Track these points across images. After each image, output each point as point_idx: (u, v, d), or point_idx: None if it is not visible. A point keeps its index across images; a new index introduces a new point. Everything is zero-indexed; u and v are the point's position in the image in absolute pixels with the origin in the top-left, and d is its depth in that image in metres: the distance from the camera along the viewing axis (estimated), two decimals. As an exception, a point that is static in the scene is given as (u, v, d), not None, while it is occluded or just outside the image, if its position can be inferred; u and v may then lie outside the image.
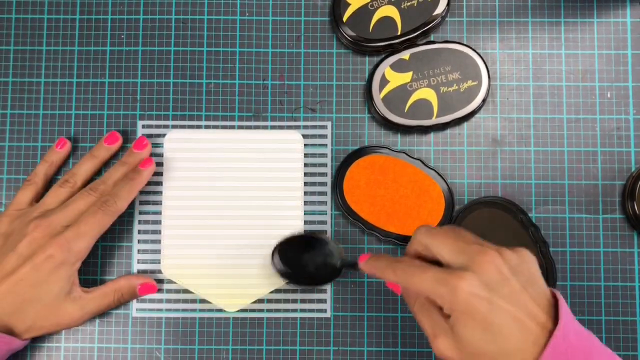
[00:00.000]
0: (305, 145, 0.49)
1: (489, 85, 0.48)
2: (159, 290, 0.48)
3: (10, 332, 0.42)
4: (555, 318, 0.34)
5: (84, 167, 0.47)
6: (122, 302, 0.47)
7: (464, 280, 0.33)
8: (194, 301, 0.48)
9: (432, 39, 0.50)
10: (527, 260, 0.36)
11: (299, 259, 0.45)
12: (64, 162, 0.49)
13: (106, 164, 0.49)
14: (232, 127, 0.50)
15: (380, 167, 0.48)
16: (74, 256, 0.42)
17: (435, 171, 0.48)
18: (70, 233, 0.42)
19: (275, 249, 0.45)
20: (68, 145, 0.49)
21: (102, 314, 0.48)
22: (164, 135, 0.49)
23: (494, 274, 0.34)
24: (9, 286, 0.41)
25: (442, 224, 0.47)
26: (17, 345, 0.42)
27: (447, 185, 0.48)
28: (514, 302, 0.33)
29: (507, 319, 0.33)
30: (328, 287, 0.48)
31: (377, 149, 0.48)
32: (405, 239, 0.47)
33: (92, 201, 0.44)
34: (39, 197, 0.47)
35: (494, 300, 0.33)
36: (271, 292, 0.48)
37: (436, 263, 0.36)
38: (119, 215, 0.45)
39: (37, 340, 0.48)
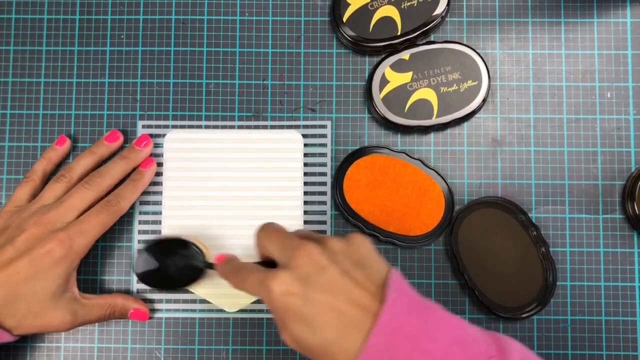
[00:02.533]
0: (305, 145, 0.49)
1: (489, 85, 0.48)
2: (159, 291, 0.48)
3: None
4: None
5: (82, 163, 0.47)
6: (112, 319, 0.46)
7: (276, 279, 0.34)
8: (194, 301, 0.48)
9: (432, 39, 0.50)
10: (355, 244, 0.36)
11: (160, 262, 0.44)
12: (63, 160, 0.49)
13: (104, 163, 0.49)
14: (232, 127, 0.50)
15: (381, 167, 0.48)
16: (74, 253, 0.42)
17: (435, 171, 0.48)
18: (72, 230, 0.42)
19: (137, 253, 0.44)
20: (68, 143, 0.49)
21: (96, 323, 0.47)
22: (164, 135, 0.49)
23: (309, 265, 0.34)
24: (4, 278, 0.41)
25: (442, 223, 0.47)
26: (6, 339, 0.42)
27: (447, 185, 0.48)
28: (331, 290, 0.33)
29: (322, 309, 0.33)
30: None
31: (377, 149, 0.48)
32: (405, 239, 0.47)
33: (89, 195, 0.44)
34: (36, 193, 0.47)
35: (308, 293, 0.33)
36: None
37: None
38: (122, 215, 0.45)
39: (37, 340, 0.48)
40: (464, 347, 0.32)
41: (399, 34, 0.49)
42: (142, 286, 0.48)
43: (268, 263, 0.38)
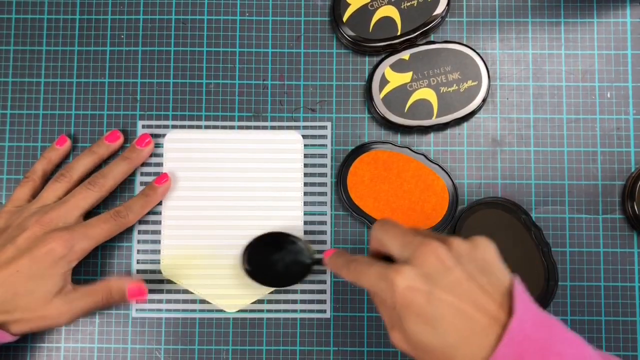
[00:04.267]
0: (305, 145, 0.49)
1: (489, 85, 0.48)
2: (159, 291, 0.48)
3: None
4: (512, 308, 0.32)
5: (82, 162, 0.47)
6: (111, 303, 0.45)
7: (400, 274, 0.33)
8: (194, 301, 0.48)
9: (432, 39, 0.50)
10: (480, 248, 0.35)
11: (268, 258, 0.45)
12: (63, 160, 0.49)
13: (105, 162, 0.49)
14: (232, 127, 0.50)
15: (384, 162, 0.48)
16: (74, 254, 0.42)
17: (439, 166, 0.48)
18: (77, 232, 0.42)
19: (245, 249, 0.45)
20: (68, 143, 0.49)
21: (95, 312, 0.47)
22: (164, 135, 0.49)
23: (435, 264, 0.33)
24: (4, 277, 0.41)
25: (446, 218, 0.47)
26: (6, 339, 0.42)
27: (451, 180, 0.48)
28: (457, 293, 0.32)
29: (448, 311, 0.32)
30: (323, 286, 0.47)
31: (380, 145, 0.48)
32: (405, 239, 0.47)
33: (91, 195, 0.45)
34: (36, 193, 0.47)
35: (433, 291, 0.32)
36: (271, 292, 0.48)
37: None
38: (127, 228, 0.45)
39: (37, 340, 0.48)
40: None
41: (399, 34, 0.49)
42: (141, 277, 0.48)
43: (381, 259, 0.37)
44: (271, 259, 0.45)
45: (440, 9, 0.49)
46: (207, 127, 0.50)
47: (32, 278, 0.41)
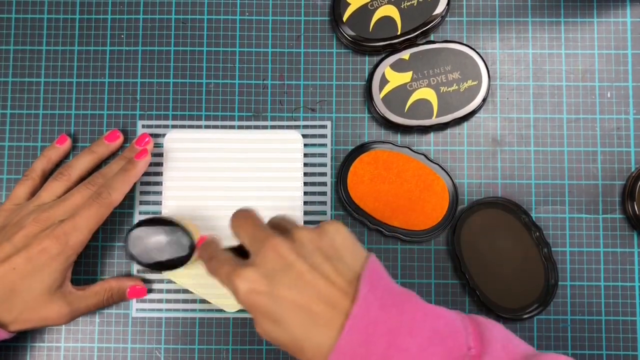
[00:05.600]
0: (305, 145, 0.49)
1: (489, 85, 0.48)
2: (159, 291, 0.48)
3: None
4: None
5: (81, 161, 0.47)
6: (111, 303, 0.46)
7: (241, 277, 0.33)
8: (194, 301, 0.48)
9: (432, 39, 0.50)
10: (328, 235, 0.34)
11: (150, 243, 0.44)
12: (63, 159, 0.49)
13: (104, 162, 0.49)
14: (232, 127, 0.50)
15: (384, 162, 0.48)
16: (70, 249, 0.42)
17: (439, 165, 0.48)
18: (65, 226, 0.42)
19: (127, 234, 0.44)
20: (68, 142, 0.49)
21: (95, 312, 0.48)
22: (164, 135, 0.49)
23: (275, 261, 0.33)
24: (0, 274, 0.41)
25: (446, 218, 0.47)
26: (2, 336, 0.42)
27: (452, 180, 0.48)
28: (299, 288, 0.32)
29: (289, 307, 0.32)
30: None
31: (380, 144, 0.48)
32: (410, 234, 0.47)
33: (90, 195, 0.44)
34: (35, 192, 0.47)
35: (274, 291, 0.32)
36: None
37: None
38: (115, 208, 0.44)
39: (37, 340, 0.48)
40: (442, 340, 0.31)
41: (398, 33, 0.49)
42: (141, 277, 0.48)
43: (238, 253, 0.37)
44: (153, 243, 0.44)
45: (440, 8, 0.49)
46: (207, 127, 0.50)
47: (28, 276, 0.41)
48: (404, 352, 0.31)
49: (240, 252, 0.37)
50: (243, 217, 0.37)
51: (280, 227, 0.37)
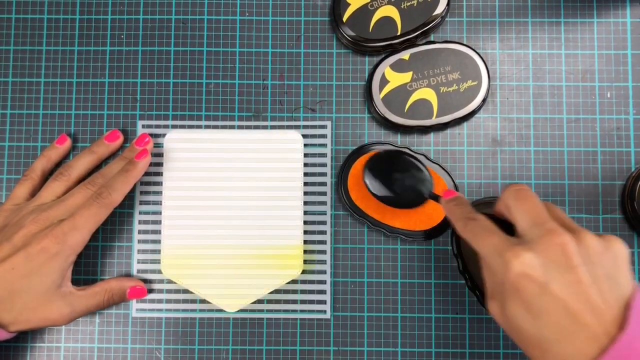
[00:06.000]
0: (305, 145, 0.49)
1: (489, 85, 0.48)
2: (159, 291, 0.48)
3: None
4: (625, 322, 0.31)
5: (81, 161, 0.47)
6: (111, 303, 0.46)
7: (518, 258, 0.32)
8: (194, 301, 0.48)
9: (432, 39, 0.50)
10: (613, 252, 0.33)
11: (390, 175, 0.44)
12: (62, 159, 0.49)
13: (104, 162, 0.49)
14: (232, 127, 0.50)
15: None
16: (69, 249, 0.42)
17: (440, 165, 0.48)
18: (65, 226, 0.42)
19: (369, 161, 0.45)
20: (68, 142, 0.49)
21: (95, 312, 0.48)
22: (164, 135, 0.49)
23: (559, 258, 0.32)
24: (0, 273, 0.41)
25: (447, 218, 0.47)
26: (2, 336, 0.42)
27: (452, 180, 0.48)
28: (573, 293, 0.31)
29: (556, 306, 0.31)
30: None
31: (380, 145, 0.48)
32: (411, 234, 0.47)
33: (90, 195, 0.44)
34: (35, 192, 0.47)
35: (548, 284, 0.31)
36: (271, 292, 0.48)
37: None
38: (114, 208, 0.44)
39: (37, 340, 0.48)
40: None
41: (399, 34, 0.49)
42: (141, 276, 0.48)
43: (499, 221, 0.36)
44: (392, 176, 0.44)
45: (440, 8, 0.49)
46: (207, 127, 0.50)
47: (27, 275, 0.41)
48: None
49: (496, 223, 0.36)
50: (527, 195, 0.36)
51: (561, 220, 0.35)
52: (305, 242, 0.48)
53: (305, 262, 0.48)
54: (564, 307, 0.31)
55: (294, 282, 0.48)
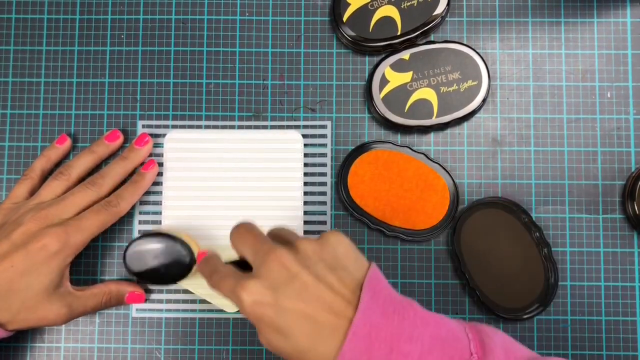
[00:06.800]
0: (305, 145, 0.49)
1: (489, 85, 0.48)
2: (159, 291, 0.48)
3: None
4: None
5: (81, 161, 0.47)
6: (109, 306, 0.46)
7: (245, 289, 0.33)
8: (194, 301, 0.48)
9: (432, 39, 0.50)
10: (330, 245, 0.35)
11: (149, 257, 0.45)
12: (62, 159, 0.49)
13: (104, 162, 0.49)
14: (232, 127, 0.50)
15: (385, 161, 0.48)
16: (69, 249, 0.42)
17: (440, 165, 0.48)
18: (70, 226, 0.42)
19: (125, 249, 0.45)
20: (68, 142, 0.49)
21: (94, 312, 0.48)
22: (164, 135, 0.49)
23: (280, 273, 0.33)
24: None
25: (447, 217, 0.47)
26: (1, 334, 0.42)
27: (452, 179, 0.48)
28: (304, 298, 0.32)
29: (295, 318, 0.32)
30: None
31: (380, 144, 0.48)
32: (411, 234, 0.47)
33: (90, 195, 0.45)
34: (34, 191, 0.47)
35: (279, 302, 0.32)
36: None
37: None
38: (120, 217, 0.45)
39: (37, 340, 0.48)
40: (444, 346, 0.32)
41: (399, 33, 0.49)
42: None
43: (247, 262, 0.37)
44: (152, 258, 0.45)
45: (440, 8, 0.49)
46: (207, 127, 0.50)
47: (26, 273, 0.41)
48: (405, 358, 0.31)
49: (242, 266, 0.37)
50: (244, 230, 0.37)
51: (281, 238, 0.37)
52: (305, 242, 0.48)
53: (305, 262, 0.48)
54: (302, 315, 0.32)
55: (294, 282, 0.48)
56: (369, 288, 0.33)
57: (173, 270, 0.45)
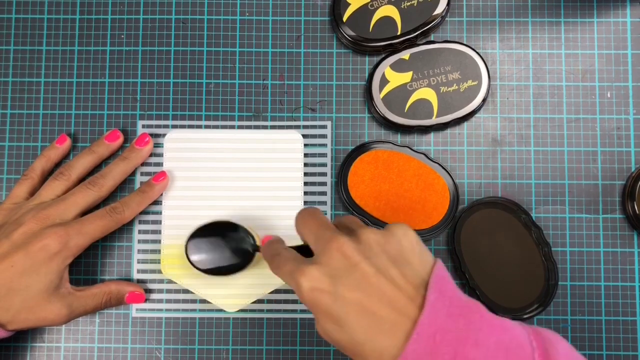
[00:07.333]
0: (305, 145, 0.49)
1: (489, 85, 0.48)
2: (159, 291, 0.48)
3: None
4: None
5: (81, 161, 0.47)
6: (109, 306, 0.46)
7: (305, 275, 0.33)
8: (194, 301, 0.48)
9: (432, 39, 0.50)
10: (395, 237, 0.34)
11: (212, 247, 0.45)
12: (62, 159, 0.49)
13: (104, 162, 0.49)
14: (232, 127, 0.50)
15: (385, 161, 0.48)
16: (69, 251, 0.42)
17: (439, 164, 0.48)
18: (72, 228, 0.42)
19: (188, 240, 0.45)
20: (68, 142, 0.49)
21: (94, 313, 0.48)
22: (164, 135, 0.49)
23: (340, 261, 0.33)
24: None
25: (447, 217, 0.47)
26: (1, 334, 0.42)
27: (452, 179, 0.48)
28: (363, 289, 0.31)
29: (352, 309, 0.31)
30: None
31: (380, 144, 0.48)
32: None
33: (91, 195, 0.45)
34: (34, 191, 0.47)
35: (337, 291, 0.32)
36: (271, 292, 0.48)
37: None
38: (123, 224, 0.45)
39: (37, 340, 0.48)
40: (508, 354, 0.30)
41: (399, 33, 0.49)
42: (141, 276, 0.48)
43: (309, 248, 0.37)
44: (215, 247, 0.45)
45: (440, 8, 0.49)
46: (207, 127, 0.50)
47: (26, 273, 0.41)
48: None
49: (305, 252, 0.37)
50: (309, 216, 0.37)
51: (346, 226, 0.37)
52: (305, 242, 0.48)
53: (305, 262, 0.48)
54: (360, 306, 0.31)
55: (294, 282, 0.48)
56: (435, 288, 0.31)
57: (237, 259, 0.44)
